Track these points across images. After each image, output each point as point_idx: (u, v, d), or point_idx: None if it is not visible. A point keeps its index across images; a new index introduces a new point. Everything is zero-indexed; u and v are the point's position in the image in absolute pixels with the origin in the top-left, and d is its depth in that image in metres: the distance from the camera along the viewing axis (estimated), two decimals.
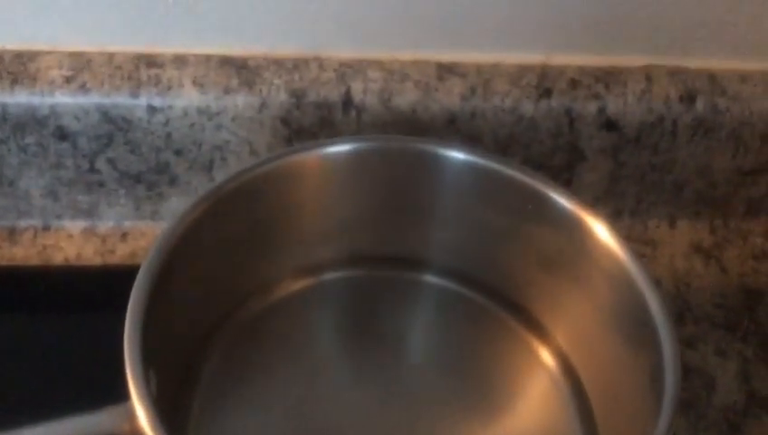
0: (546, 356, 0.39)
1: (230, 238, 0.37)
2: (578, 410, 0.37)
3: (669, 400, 0.29)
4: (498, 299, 0.41)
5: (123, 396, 0.29)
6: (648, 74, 0.45)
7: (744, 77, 0.46)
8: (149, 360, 0.30)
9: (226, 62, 0.43)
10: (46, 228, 0.45)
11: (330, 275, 0.41)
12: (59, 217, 0.45)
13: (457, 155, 0.38)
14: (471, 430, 0.37)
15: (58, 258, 0.44)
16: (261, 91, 0.42)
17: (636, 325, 0.33)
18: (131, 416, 0.27)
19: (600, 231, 0.36)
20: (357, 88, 0.43)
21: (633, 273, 0.34)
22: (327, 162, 0.38)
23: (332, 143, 0.38)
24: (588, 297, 0.37)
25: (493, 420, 0.38)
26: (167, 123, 0.42)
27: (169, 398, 0.33)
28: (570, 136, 0.45)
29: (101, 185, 0.44)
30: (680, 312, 0.45)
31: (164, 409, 0.29)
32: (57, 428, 0.27)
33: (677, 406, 0.29)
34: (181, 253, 0.33)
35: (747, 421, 0.40)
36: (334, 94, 0.43)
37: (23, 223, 0.45)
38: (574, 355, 0.39)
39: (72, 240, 0.45)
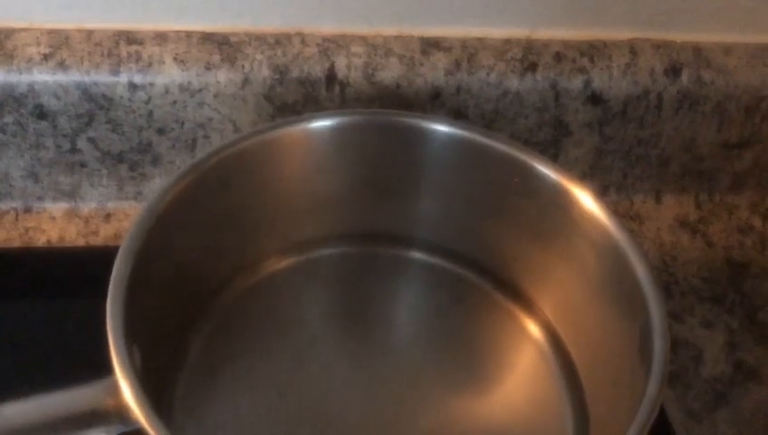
0: (533, 329, 0.39)
1: (214, 215, 0.36)
2: (566, 381, 0.37)
3: (658, 365, 0.29)
4: (484, 274, 0.41)
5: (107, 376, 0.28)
6: (633, 48, 0.45)
7: (728, 49, 0.46)
8: (133, 336, 0.29)
9: (208, 38, 0.42)
10: (27, 210, 0.45)
11: (316, 253, 0.41)
12: (40, 198, 0.45)
13: (443, 129, 0.38)
14: (459, 404, 0.37)
15: (41, 240, 0.44)
16: (243, 67, 0.42)
17: (623, 294, 0.33)
18: (115, 390, 0.27)
19: (587, 202, 0.35)
20: (340, 63, 0.42)
21: (620, 242, 0.34)
22: (310, 137, 0.38)
23: (316, 118, 0.38)
24: (575, 269, 0.37)
25: (481, 394, 0.38)
26: (148, 101, 0.42)
27: (155, 377, 0.32)
28: (555, 110, 0.45)
29: (83, 165, 0.44)
30: (667, 285, 0.45)
31: (149, 386, 0.29)
32: (41, 403, 0.27)
33: (667, 371, 0.29)
34: (163, 229, 0.33)
35: (734, 391, 0.41)
36: (317, 70, 0.42)
37: (3, 205, 0.45)
38: (561, 327, 0.39)
39: (55, 222, 0.45)
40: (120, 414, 0.27)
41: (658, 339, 0.30)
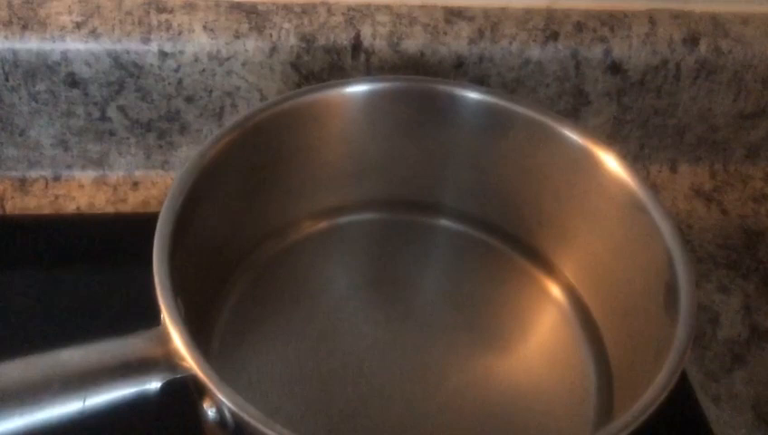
0: (556, 291, 0.40)
1: (249, 177, 0.37)
2: (588, 341, 0.38)
3: (686, 311, 0.30)
4: (508, 239, 0.42)
5: None
6: (653, 17, 0.46)
7: (745, 19, 0.47)
8: (176, 289, 0.30)
9: (236, 6, 0.43)
10: (57, 178, 0.46)
11: (346, 218, 0.42)
12: (69, 166, 0.46)
13: (473, 95, 0.38)
14: (483, 364, 0.38)
15: (70, 208, 0.44)
16: (271, 35, 0.42)
17: (648, 252, 0.34)
18: (164, 338, 0.28)
19: (611, 163, 0.36)
20: (366, 32, 0.43)
21: (644, 200, 0.34)
22: (345, 102, 0.38)
23: (350, 83, 0.38)
24: (598, 230, 0.38)
25: (505, 354, 0.38)
26: (177, 69, 0.42)
27: (192, 332, 0.33)
28: (576, 79, 0.46)
29: (112, 134, 0.45)
30: None
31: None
32: (93, 350, 0.28)
33: (695, 317, 0.30)
34: (201, 190, 0.34)
35: (750, 352, 0.42)
36: (343, 38, 0.43)
37: (33, 173, 0.45)
38: (583, 289, 0.39)
39: (84, 190, 0.45)
40: (168, 361, 0.28)
41: (685, 289, 0.31)
